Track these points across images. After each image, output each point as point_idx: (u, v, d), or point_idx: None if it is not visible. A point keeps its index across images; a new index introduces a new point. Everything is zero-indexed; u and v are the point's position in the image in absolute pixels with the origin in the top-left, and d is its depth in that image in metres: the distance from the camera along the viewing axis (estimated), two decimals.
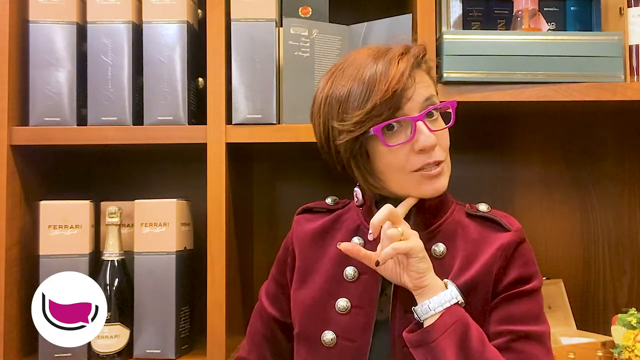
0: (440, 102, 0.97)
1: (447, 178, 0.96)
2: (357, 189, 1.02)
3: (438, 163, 0.93)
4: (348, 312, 0.96)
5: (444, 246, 0.97)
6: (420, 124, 0.91)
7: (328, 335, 0.96)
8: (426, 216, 0.98)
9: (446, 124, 0.96)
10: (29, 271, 1.36)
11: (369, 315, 0.95)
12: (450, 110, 0.97)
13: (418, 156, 0.92)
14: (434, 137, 0.92)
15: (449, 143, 0.97)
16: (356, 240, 1.00)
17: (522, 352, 0.90)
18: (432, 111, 0.94)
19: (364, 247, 0.96)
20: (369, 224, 0.99)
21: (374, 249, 0.95)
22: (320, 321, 0.98)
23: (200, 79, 1.41)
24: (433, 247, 0.97)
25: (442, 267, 0.95)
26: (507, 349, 0.90)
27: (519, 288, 0.94)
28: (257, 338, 1.10)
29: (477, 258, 0.95)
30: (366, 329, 0.95)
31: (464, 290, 0.93)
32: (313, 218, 1.08)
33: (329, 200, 1.10)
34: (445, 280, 0.92)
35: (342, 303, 0.97)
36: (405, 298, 0.93)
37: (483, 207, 1.02)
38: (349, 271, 0.99)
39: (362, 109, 0.89)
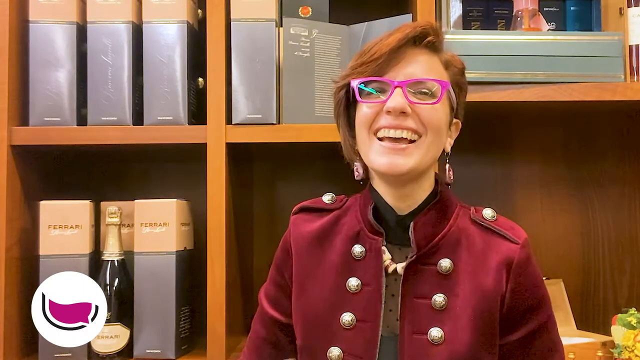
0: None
1: (415, 161, 0.91)
2: (357, 163, 1.01)
3: (411, 139, 0.91)
4: (353, 327, 0.94)
5: (450, 262, 0.94)
6: (398, 89, 0.90)
7: (335, 352, 0.94)
8: (427, 229, 0.95)
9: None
10: (29, 271, 1.36)
11: (375, 330, 0.93)
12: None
13: (385, 116, 0.91)
14: (406, 103, 0.90)
15: (434, 123, 0.92)
16: (357, 248, 0.97)
17: None
18: (425, 91, 0.92)
19: (365, 256, 0.96)
20: (369, 231, 0.97)
21: (377, 259, 0.95)
22: (326, 337, 0.96)
23: (200, 79, 1.41)
24: (439, 262, 0.94)
25: (448, 285, 0.93)
26: None
27: (538, 319, 0.94)
28: (257, 341, 1.07)
29: (485, 272, 0.93)
30: (372, 345, 0.93)
31: (479, 308, 0.91)
32: (311, 219, 1.04)
33: (326, 199, 1.06)
34: None
35: (347, 318, 0.94)
36: (413, 318, 0.92)
37: (488, 214, 0.98)
38: (353, 282, 0.96)
39: (351, 65, 0.95)
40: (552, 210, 1.63)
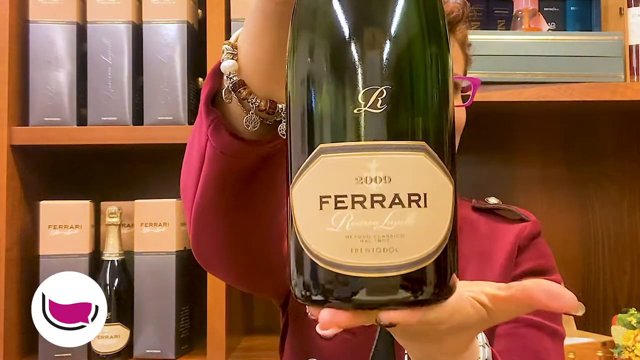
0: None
1: None
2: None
3: None
4: None
5: None
6: None
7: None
8: None
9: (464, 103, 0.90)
10: (29, 271, 1.36)
11: None
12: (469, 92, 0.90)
13: None
14: None
15: (462, 124, 0.90)
16: None
17: (524, 336, 0.79)
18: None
19: None
20: None
21: None
22: None
23: (200, 79, 1.41)
24: None
25: None
26: (509, 335, 0.78)
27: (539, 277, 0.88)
28: None
29: (494, 255, 0.88)
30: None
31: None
32: None
33: None
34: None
35: None
36: None
37: (492, 200, 0.96)
38: None
39: None
40: (552, 210, 1.63)
